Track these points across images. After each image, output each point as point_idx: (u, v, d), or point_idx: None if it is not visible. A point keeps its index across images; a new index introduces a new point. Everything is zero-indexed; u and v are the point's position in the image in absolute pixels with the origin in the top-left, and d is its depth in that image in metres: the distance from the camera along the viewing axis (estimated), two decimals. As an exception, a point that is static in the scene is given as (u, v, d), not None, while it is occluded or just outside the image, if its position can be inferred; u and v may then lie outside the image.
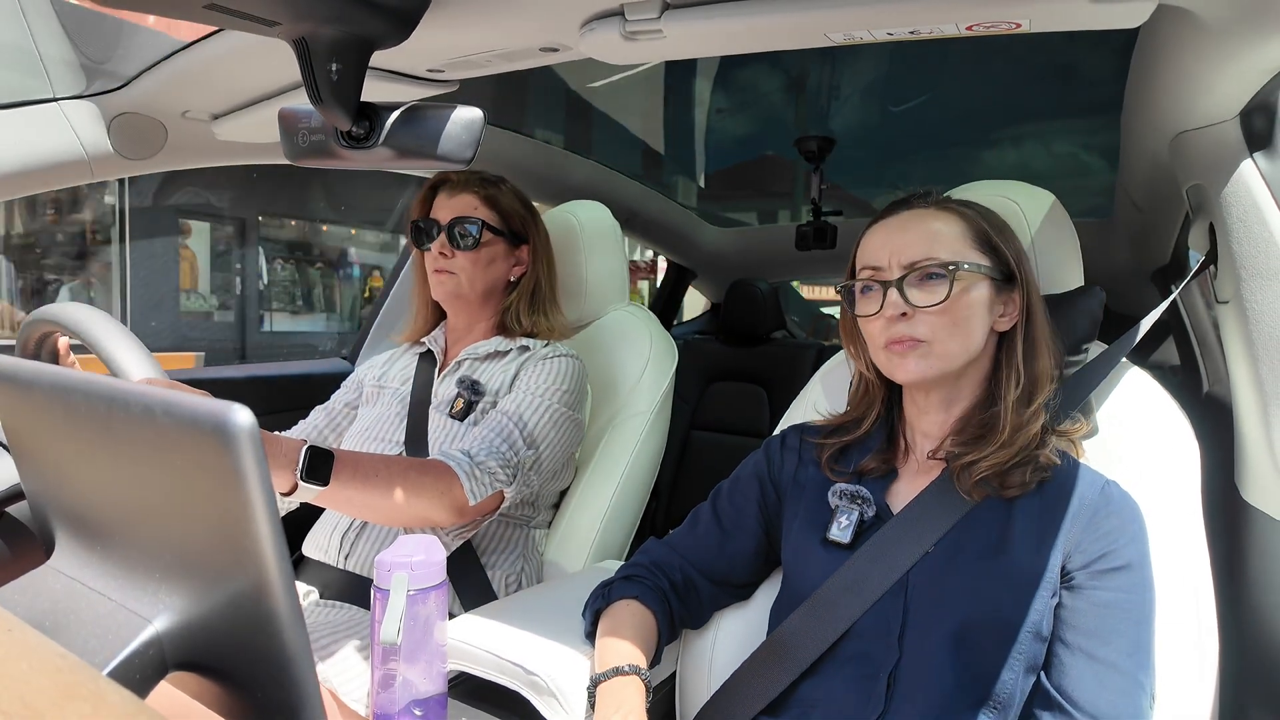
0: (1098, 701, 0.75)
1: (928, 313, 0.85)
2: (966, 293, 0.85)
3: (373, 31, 0.75)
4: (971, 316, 0.86)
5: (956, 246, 0.87)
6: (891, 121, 2.28)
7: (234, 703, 0.42)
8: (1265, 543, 0.92)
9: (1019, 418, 0.85)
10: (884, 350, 0.88)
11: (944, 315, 0.85)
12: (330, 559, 1.26)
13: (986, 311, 0.87)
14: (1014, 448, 0.84)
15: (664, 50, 0.89)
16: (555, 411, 1.24)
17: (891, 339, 0.86)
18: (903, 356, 0.86)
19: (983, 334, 0.88)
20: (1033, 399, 0.87)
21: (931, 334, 0.85)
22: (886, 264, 0.87)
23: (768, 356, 2.58)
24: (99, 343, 0.99)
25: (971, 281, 0.86)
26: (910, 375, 0.86)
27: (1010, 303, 0.89)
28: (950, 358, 0.86)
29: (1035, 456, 0.84)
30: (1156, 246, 1.73)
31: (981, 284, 0.87)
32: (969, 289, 0.85)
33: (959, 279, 0.85)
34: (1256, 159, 0.90)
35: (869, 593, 0.84)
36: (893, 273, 0.87)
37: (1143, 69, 1.06)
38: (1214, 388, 1.47)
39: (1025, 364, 0.88)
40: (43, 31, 1.22)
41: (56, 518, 0.51)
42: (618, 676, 0.84)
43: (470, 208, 1.33)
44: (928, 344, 0.85)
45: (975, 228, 0.89)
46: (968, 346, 0.86)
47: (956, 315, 0.85)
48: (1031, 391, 0.87)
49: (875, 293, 0.88)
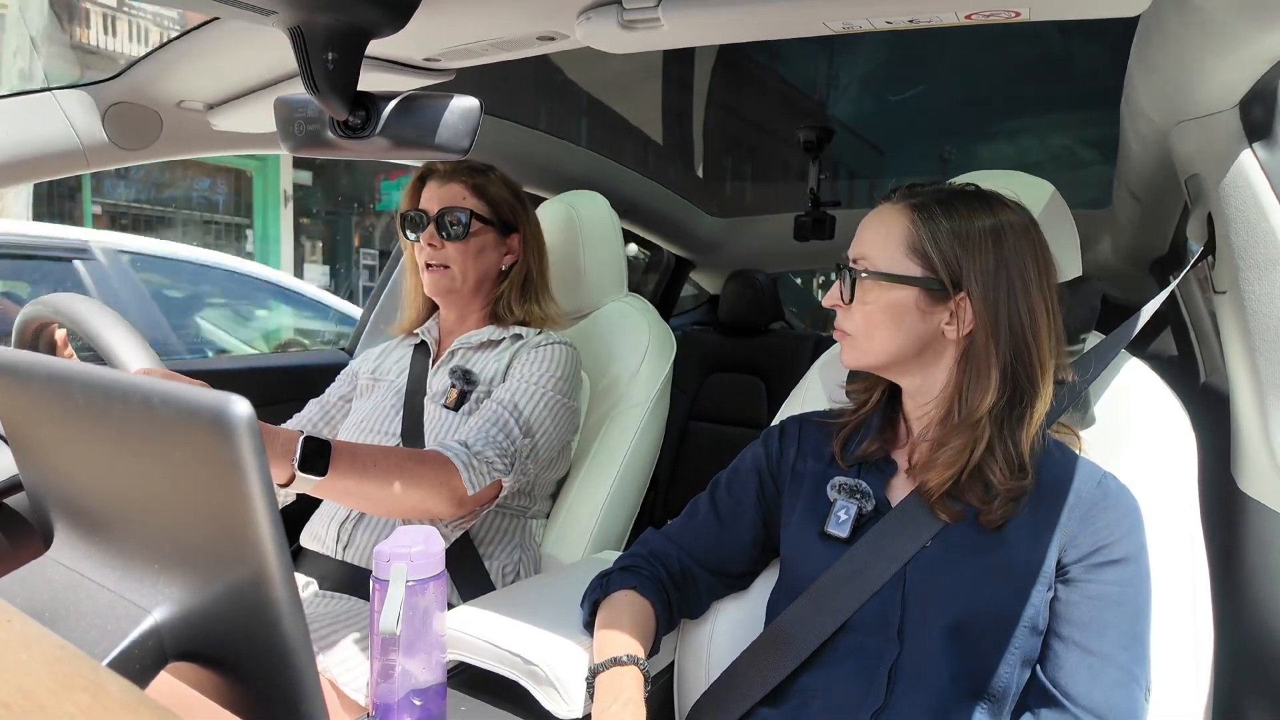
0: (1092, 694, 0.75)
1: (853, 308, 0.89)
2: (881, 296, 0.87)
3: (369, 20, 0.74)
4: (889, 320, 0.87)
5: (890, 250, 0.87)
6: (891, 111, 2.27)
7: (234, 693, 0.42)
8: (1261, 533, 0.92)
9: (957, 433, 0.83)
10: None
11: (862, 313, 0.88)
12: (328, 550, 1.26)
13: (918, 316, 0.86)
14: (954, 467, 0.83)
15: (661, 39, 0.89)
16: (551, 399, 1.24)
17: (835, 325, 0.93)
18: (840, 344, 0.93)
19: (914, 337, 0.87)
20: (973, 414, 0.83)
21: (854, 329, 0.90)
22: (848, 255, 0.91)
23: (766, 347, 2.58)
24: (96, 334, 0.98)
25: (886, 288, 0.86)
26: (845, 362, 0.92)
27: (956, 312, 0.86)
28: (872, 354, 0.89)
29: (982, 471, 0.82)
30: (1155, 237, 1.73)
31: (899, 290, 0.86)
32: (886, 293, 0.87)
33: (861, 283, 0.88)
34: (1255, 149, 0.90)
35: (867, 585, 0.85)
36: (847, 263, 0.90)
37: (1142, 58, 1.05)
38: (1211, 378, 1.48)
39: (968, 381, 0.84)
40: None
41: (55, 509, 0.51)
42: (616, 666, 0.85)
43: (459, 197, 1.32)
44: (852, 337, 0.90)
45: (913, 234, 0.86)
46: (887, 347, 0.87)
47: (871, 316, 0.88)
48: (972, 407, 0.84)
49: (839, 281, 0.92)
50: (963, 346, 0.87)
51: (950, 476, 0.83)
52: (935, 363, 0.89)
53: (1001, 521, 0.82)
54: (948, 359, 0.88)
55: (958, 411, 0.85)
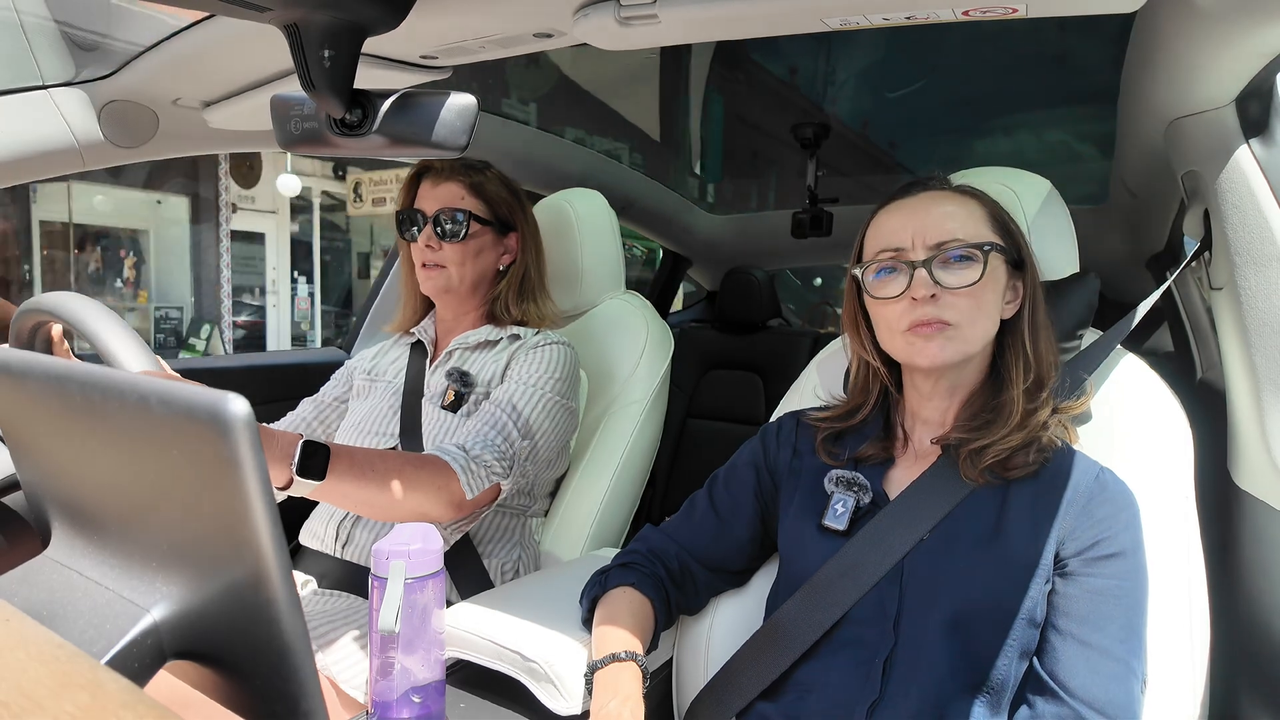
0: (1090, 686, 0.76)
1: (957, 294, 0.83)
2: (992, 275, 0.85)
3: (365, 17, 0.74)
4: (992, 300, 0.86)
5: (979, 229, 0.87)
6: (887, 107, 2.27)
7: (233, 691, 0.42)
8: (1258, 528, 0.92)
9: (1030, 402, 0.86)
10: (904, 334, 0.86)
11: (972, 298, 0.84)
12: (327, 548, 1.26)
13: (1001, 296, 0.88)
14: (1025, 431, 0.84)
15: (659, 36, 0.89)
16: (549, 400, 1.24)
17: (918, 321, 0.84)
18: (927, 340, 0.84)
19: (997, 318, 0.88)
20: (1043, 384, 0.87)
21: (959, 317, 0.83)
22: (910, 244, 0.86)
23: (764, 344, 2.59)
24: (93, 333, 0.98)
25: (995, 264, 0.86)
26: (933, 359, 0.84)
27: (1016, 288, 0.90)
28: (973, 341, 0.85)
29: (1039, 438, 0.85)
30: (1151, 233, 1.74)
31: (1002, 267, 0.87)
32: (993, 271, 0.86)
33: (989, 260, 0.85)
34: (1252, 145, 0.90)
35: (865, 578, 0.85)
36: (918, 253, 0.85)
37: (1139, 54, 1.05)
38: (1207, 374, 1.48)
39: (1033, 349, 0.88)
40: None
41: (52, 508, 0.51)
42: (615, 663, 0.85)
43: (456, 198, 1.31)
44: (955, 327, 0.84)
45: (992, 211, 0.89)
46: (987, 330, 0.87)
47: (983, 298, 0.85)
48: (1041, 377, 0.88)
49: (898, 274, 0.86)
50: (999, 326, 0.89)
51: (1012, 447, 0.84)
52: (983, 349, 0.89)
53: (1022, 474, 0.84)
54: (990, 342, 0.89)
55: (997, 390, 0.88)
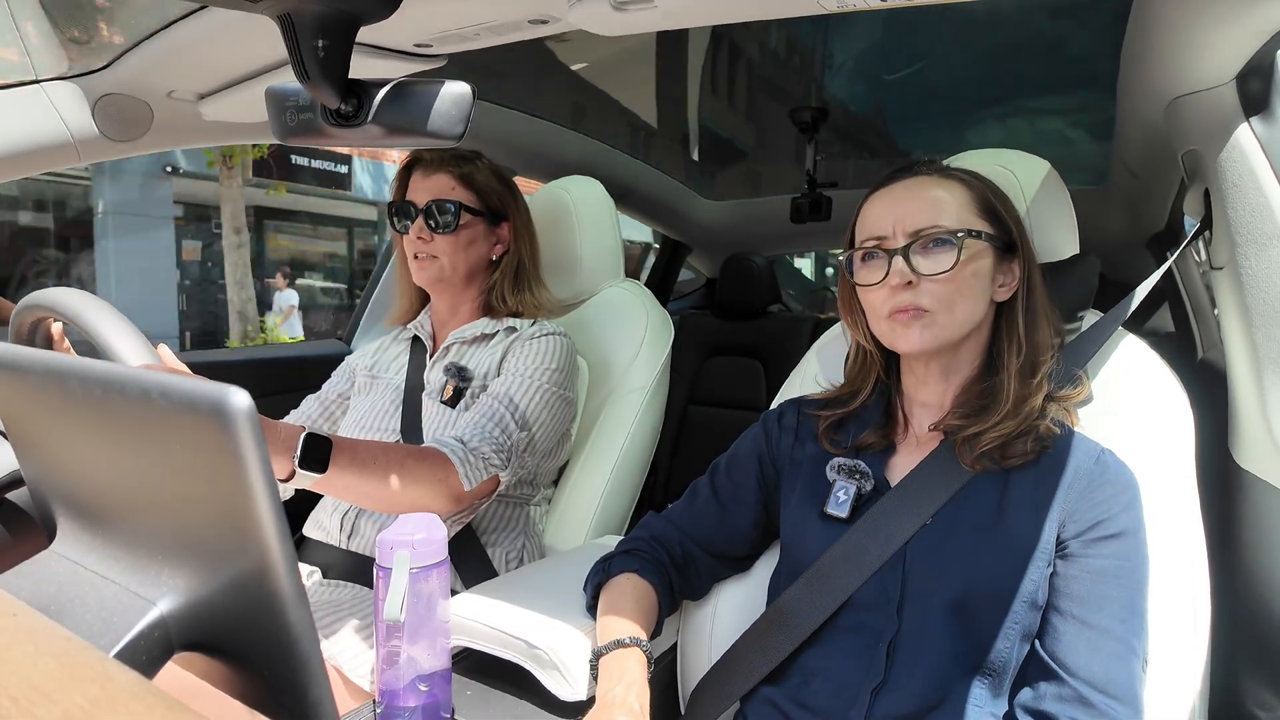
0: (1091, 667, 0.76)
1: (933, 281, 0.84)
2: (971, 261, 0.85)
3: (359, 6, 0.73)
4: (975, 286, 0.86)
5: (961, 214, 0.86)
6: (883, 90, 2.26)
7: (241, 682, 0.42)
8: (1259, 507, 0.93)
9: (1023, 388, 0.86)
10: (887, 320, 0.87)
11: (949, 284, 0.84)
12: (332, 539, 1.27)
13: (989, 281, 0.87)
14: (1018, 418, 0.84)
15: (655, 20, 0.88)
16: (546, 391, 1.24)
17: (895, 308, 0.85)
18: (906, 326, 0.85)
19: (984, 304, 0.88)
20: (1035, 369, 0.87)
21: (935, 303, 0.84)
22: (890, 232, 0.86)
23: (764, 330, 2.58)
24: (93, 328, 0.98)
25: (976, 250, 0.85)
26: (913, 345, 0.86)
27: (1010, 272, 0.89)
28: (953, 327, 0.86)
29: (1036, 427, 0.85)
30: (1152, 213, 1.73)
31: (985, 253, 0.86)
32: (974, 258, 0.85)
33: (966, 247, 0.84)
34: (1252, 123, 0.90)
35: (867, 564, 0.85)
36: (897, 241, 0.86)
37: (1138, 32, 1.05)
38: (1208, 354, 1.48)
39: (1026, 334, 0.88)
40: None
41: (57, 503, 0.51)
42: (619, 649, 0.85)
43: (446, 189, 1.31)
44: (931, 314, 0.84)
45: (979, 196, 0.89)
46: (970, 316, 0.86)
47: (961, 284, 0.84)
48: (1034, 362, 0.87)
49: (879, 261, 0.87)
50: (994, 311, 0.89)
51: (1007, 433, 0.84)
52: (975, 333, 0.89)
53: (1020, 462, 0.84)
54: (985, 326, 0.89)
55: (990, 374, 0.88)
